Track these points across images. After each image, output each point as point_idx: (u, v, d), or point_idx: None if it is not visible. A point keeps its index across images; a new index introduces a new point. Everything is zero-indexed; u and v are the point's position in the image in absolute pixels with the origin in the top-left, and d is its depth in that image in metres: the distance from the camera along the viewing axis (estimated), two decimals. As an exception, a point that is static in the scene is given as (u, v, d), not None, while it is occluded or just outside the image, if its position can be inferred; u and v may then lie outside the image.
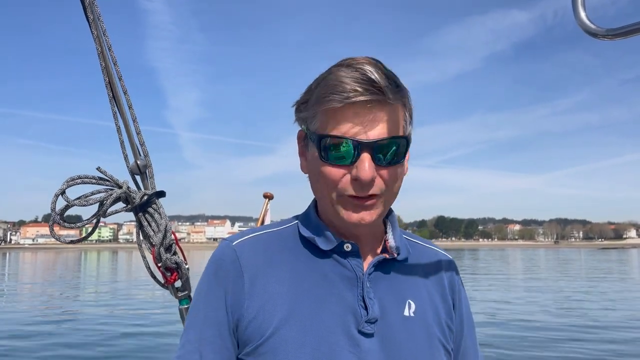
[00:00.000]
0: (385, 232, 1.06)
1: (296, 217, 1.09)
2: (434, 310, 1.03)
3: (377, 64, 0.91)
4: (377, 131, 0.90)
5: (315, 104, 0.93)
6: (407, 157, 1.01)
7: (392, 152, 0.92)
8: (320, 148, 0.93)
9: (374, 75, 0.88)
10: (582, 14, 0.85)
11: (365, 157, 0.90)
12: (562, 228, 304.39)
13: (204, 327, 0.98)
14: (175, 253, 1.48)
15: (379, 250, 1.04)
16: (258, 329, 0.93)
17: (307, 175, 1.02)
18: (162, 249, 1.45)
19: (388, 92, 0.89)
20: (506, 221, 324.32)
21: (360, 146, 0.90)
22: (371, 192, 0.92)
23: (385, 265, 1.01)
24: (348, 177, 0.92)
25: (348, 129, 0.90)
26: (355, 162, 0.90)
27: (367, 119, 0.90)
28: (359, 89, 0.87)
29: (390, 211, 1.07)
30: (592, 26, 0.82)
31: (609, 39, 0.82)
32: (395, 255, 1.02)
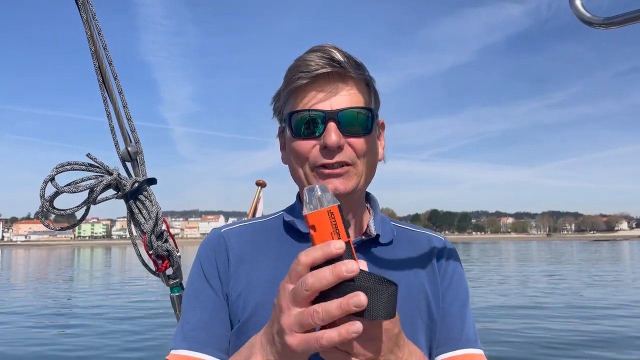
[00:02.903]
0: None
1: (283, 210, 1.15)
2: (420, 293, 1.04)
3: (339, 48, 1.00)
4: (341, 102, 0.98)
5: (285, 88, 1.01)
6: (382, 144, 1.07)
7: (357, 122, 0.98)
8: (291, 125, 1.00)
9: (335, 54, 0.98)
10: (578, 2, 0.83)
11: (331, 126, 0.96)
12: (554, 221, 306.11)
13: (200, 291, 1.04)
14: (166, 241, 1.47)
15: (359, 234, 1.07)
16: (238, 310, 0.99)
17: (287, 167, 1.08)
18: (153, 237, 1.43)
19: (348, 67, 0.98)
20: (499, 214, 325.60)
21: (325, 116, 0.97)
22: (340, 159, 0.97)
23: (366, 248, 1.05)
24: (317, 147, 0.98)
25: (314, 102, 0.98)
26: (322, 132, 0.97)
27: (330, 91, 0.98)
28: (320, 63, 0.96)
29: (369, 195, 1.12)
30: (588, 15, 0.81)
31: (605, 28, 0.80)
32: (373, 236, 1.05)
